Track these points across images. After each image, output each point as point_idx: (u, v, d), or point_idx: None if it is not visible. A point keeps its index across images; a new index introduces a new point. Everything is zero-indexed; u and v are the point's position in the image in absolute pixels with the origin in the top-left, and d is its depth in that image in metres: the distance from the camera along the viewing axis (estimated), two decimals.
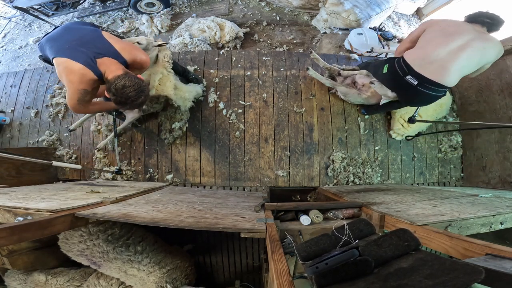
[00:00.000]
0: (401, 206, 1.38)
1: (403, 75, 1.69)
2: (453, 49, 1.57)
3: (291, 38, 3.30)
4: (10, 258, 1.57)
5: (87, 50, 1.47)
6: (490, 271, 0.56)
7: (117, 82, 1.44)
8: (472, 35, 1.58)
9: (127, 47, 1.56)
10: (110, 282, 1.58)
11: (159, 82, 2.00)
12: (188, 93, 2.25)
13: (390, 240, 0.61)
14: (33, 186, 1.91)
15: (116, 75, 1.45)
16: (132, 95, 1.46)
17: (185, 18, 3.43)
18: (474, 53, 1.56)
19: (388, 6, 3.22)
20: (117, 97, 1.46)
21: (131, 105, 1.54)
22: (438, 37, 1.63)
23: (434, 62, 1.60)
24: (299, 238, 1.23)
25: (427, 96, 1.69)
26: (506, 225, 1.19)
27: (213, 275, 2.45)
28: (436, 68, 1.59)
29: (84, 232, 1.52)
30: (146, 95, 1.56)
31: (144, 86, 1.54)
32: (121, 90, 1.44)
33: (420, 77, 1.63)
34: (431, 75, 1.60)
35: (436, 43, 1.61)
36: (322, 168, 2.42)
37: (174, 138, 2.40)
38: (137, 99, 1.49)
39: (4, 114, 2.88)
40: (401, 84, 1.74)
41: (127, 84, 1.44)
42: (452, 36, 1.59)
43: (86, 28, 1.59)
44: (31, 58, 3.87)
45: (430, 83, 1.62)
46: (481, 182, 2.36)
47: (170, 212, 1.27)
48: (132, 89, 1.45)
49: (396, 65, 1.73)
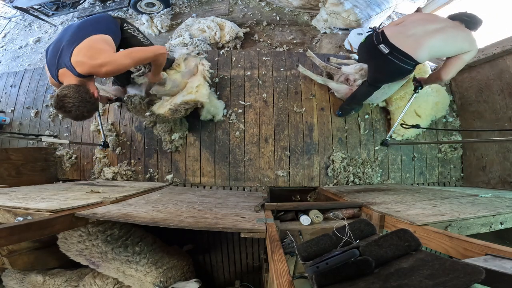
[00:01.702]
0: (401, 206, 1.38)
1: (377, 43, 1.81)
2: (429, 29, 1.71)
3: (291, 38, 3.30)
4: (10, 258, 1.57)
5: (56, 59, 1.50)
6: (490, 271, 0.56)
7: (61, 90, 1.43)
8: (449, 24, 1.73)
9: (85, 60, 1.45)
10: (105, 282, 1.59)
11: (196, 89, 2.08)
12: (218, 106, 2.36)
13: (390, 240, 0.61)
14: (33, 186, 1.91)
15: (62, 86, 1.46)
16: (70, 106, 1.43)
17: (185, 18, 3.43)
18: (448, 37, 1.69)
19: (388, 6, 3.22)
20: (55, 103, 1.45)
21: (66, 114, 1.49)
22: (418, 20, 1.79)
23: (410, 36, 1.72)
24: (299, 238, 1.23)
25: (394, 66, 1.78)
26: (506, 225, 1.19)
27: (213, 275, 2.45)
28: (411, 42, 1.71)
29: (83, 232, 1.52)
30: (88, 110, 1.51)
31: (88, 100, 1.49)
32: (60, 97, 1.42)
33: (393, 47, 1.73)
34: (404, 47, 1.71)
35: (415, 23, 1.77)
36: (322, 168, 2.42)
37: (176, 147, 2.42)
38: (75, 111, 1.46)
39: (4, 114, 2.88)
40: (373, 53, 1.85)
41: (69, 94, 1.42)
42: (431, 21, 1.76)
43: (79, 32, 1.54)
44: (31, 58, 3.87)
45: (400, 53, 1.72)
46: (481, 182, 2.36)
47: (170, 212, 1.27)
48: (72, 100, 1.43)
49: (374, 35, 1.87)
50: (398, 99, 2.34)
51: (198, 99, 2.05)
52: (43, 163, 2.49)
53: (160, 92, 2.06)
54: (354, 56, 2.64)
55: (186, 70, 2.12)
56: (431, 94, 2.34)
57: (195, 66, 2.18)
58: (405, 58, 1.73)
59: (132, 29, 1.78)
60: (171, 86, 2.04)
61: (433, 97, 2.34)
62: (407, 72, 1.85)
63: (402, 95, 2.31)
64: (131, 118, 2.55)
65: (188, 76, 2.14)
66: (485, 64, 2.31)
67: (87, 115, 1.55)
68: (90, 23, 1.60)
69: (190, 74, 2.15)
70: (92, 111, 1.57)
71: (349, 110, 2.42)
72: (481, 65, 2.34)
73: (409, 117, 2.30)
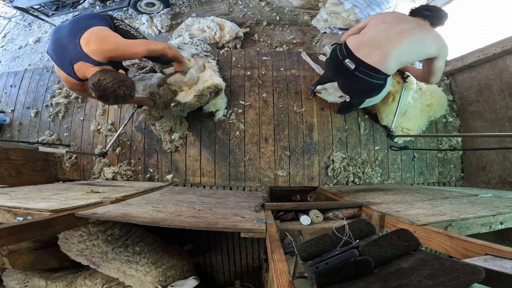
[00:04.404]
0: (401, 206, 1.38)
1: (342, 58, 1.64)
2: (392, 34, 1.55)
3: (291, 38, 3.30)
4: (10, 258, 1.57)
5: (66, 55, 1.53)
6: (490, 271, 0.56)
7: (92, 79, 1.47)
8: (412, 25, 1.58)
9: (98, 47, 1.50)
10: (94, 282, 1.61)
11: (210, 77, 2.20)
12: (223, 97, 2.40)
13: (390, 240, 0.61)
14: (33, 186, 1.91)
15: (91, 75, 1.49)
16: (110, 86, 1.46)
17: (185, 18, 3.43)
18: (414, 41, 1.54)
19: (388, 6, 3.22)
20: (96, 92, 1.48)
21: (114, 98, 1.51)
22: (379, 23, 1.63)
23: (373, 46, 1.56)
24: (299, 238, 1.23)
25: (364, 82, 1.62)
26: (506, 225, 1.19)
27: (213, 275, 2.45)
28: (375, 52, 1.55)
29: (84, 232, 1.52)
30: (128, 86, 1.55)
31: (123, 78, 1.53)
32: (97, 84, 1.45)
33: (358, 61, 1.58)
34: (369, 59, 1.55)
35: (376, 29, 1.61)
36: (322, 168, 2.42)
37: (176, 147, 2.42)
38: (117, 89, 1.49)
39: (4, 114, 2.88)
40: (340, 70, 1.69)
41: (102, 77, 1.46)
42: (392, 23, 1.59)
43: (75, 27, 1.56)
44: (31, 58, 3.86)
45: (367, 68, 1.57)
46: (481, 182, 2.36)
47: (170, 212, 1.27)
48: (108, 80, 1.46)
49: (338, 49, 1.70)
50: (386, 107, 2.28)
51: (216, 83, 2.17)
52: (43, 163, 2.49)
53: (178, 81, 2.14)
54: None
55: (196, 67, 2.22)
56: (417, 99, 2.29)
57: (202, 64, 2.28)
58: (373, 72, 1.57)
59: (124, 24, 1.81)
60: (189, 78, 2.14)
61: (423, 100, 2.31)
62: (379, 87, 1.70)
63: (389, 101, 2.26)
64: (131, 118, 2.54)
65: (198, 72, 2.25)
66: (485, 64, 2.31)
67: (129, 92, 1.57)
68: (83, 19, 1.61)
69: (200, 71, 2.26)
70: (132, 88, 1.60)
71: (347, 112, 2.43)
72: (481, 65, 2.34)
73: (406, 120, 2.30)
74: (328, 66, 1.89)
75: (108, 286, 1.61)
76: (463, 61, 2.42)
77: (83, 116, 2.65)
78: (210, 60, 2.39)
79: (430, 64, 1.66)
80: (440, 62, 1.62)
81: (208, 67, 2.30)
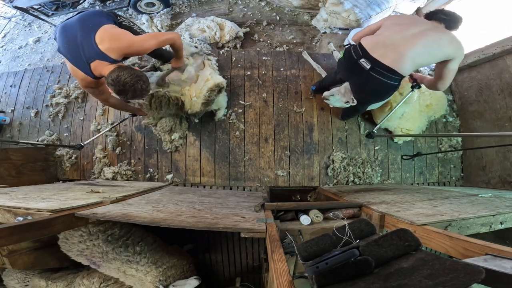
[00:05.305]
0: (401, 206, 1.38)
1: (357, 58, 1.65)
2: (407, 36, 1.57)
3: (291, 38, 3.30)
4: (10, 258, 1.57)
5: (82, 54, 1.54)
6: (490, 271, 0.56)
7: (111, 75, 1.50)
8: (428, 26, 1.59)
9: (114, 45, 1.53)
10: (92, 281, 1.62)
11: (210, 76, 2.19)
12: (224, 96, 2.41)
13: (390, 240, 0.61)
14: (33, 186, 1.91)
15: (109, 72, 1.52)
16: (129, 80, 1.49)
17: (185, 18, 3.43)
18: (430, 43, 1.54)
19: (388, 6, 3.21)
20: (115, 87, 1.51)
21: (132, 92, 1.54)
22: (395, 25, 1.65)
23: (387, 46, 1.58)
24: (299, 238, 1.23)
25: (378, 82, 1.62)
26: (506, 225, 1.19)
27: (213, 275, 2.45)
28: (391, 53, 1.56)
29: (84, 232, 1.52)
30: (144, 81, 1.58)
31: (139, 74, 1.56)
32: (116, 79, 1.48)
33: (374, 61, 1.58)
34: (385, 60, 1.56)
35: (392, 30, 1.63)
36: (322, 168, 2.42)
37: (176, 147, 2.43)
38: (135, 84, 1.52)
39: (4, 114, 2.88)
40: (354, 69, 1.69)
41: (120, 73, 1.49)
42: (408, 25, 1.61)
43: (86, 25, 1.57)
44: (31, 58, 3.86)
45: (382, 68, 1.57)
46: (481, 182, 2.36)
47: (170, 212, 1.27)
48: (127, 75, 1.49)
49: (352, 49, 1.71)
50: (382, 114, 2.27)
51: (217, 82, 2.15)
52: (43, 163, 2.49)
53: (175, 80, 2.13)
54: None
55: (195, 65, 2.21)
56: (416, 100, 2.28)
57: (201, 62, 2.27)
58: (389, 73, 1.57)
59: (126, 21, 1.83)
60: (187, 76, 2.13)
61: (422, 100, 2.31)
62: (393, 88, 1.70)
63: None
64: (130, 117, 2.54)
65: (197, 70, 2.24)
66: (485, 64, 2.31)
67: (145, 86, 1.60)
68: (91, 17, 1.62)
69: (199, 69, 2.25)
70: (148, 83, 1.63)
71: (351, 118, 2.43)
72: (481, 65, 2.34)
73: (404, 121, 2.30)
74: (340, 66, 1.89)
75: (105, 285, 1.62)
76: (463, 61, 2.41)
77: (83, 116, 2.65)
78: (210, 58, 2.38)
79: (442, 67, 1.65)
80: (454, 65, 1.62)
81: (208, 65, 2.29)
